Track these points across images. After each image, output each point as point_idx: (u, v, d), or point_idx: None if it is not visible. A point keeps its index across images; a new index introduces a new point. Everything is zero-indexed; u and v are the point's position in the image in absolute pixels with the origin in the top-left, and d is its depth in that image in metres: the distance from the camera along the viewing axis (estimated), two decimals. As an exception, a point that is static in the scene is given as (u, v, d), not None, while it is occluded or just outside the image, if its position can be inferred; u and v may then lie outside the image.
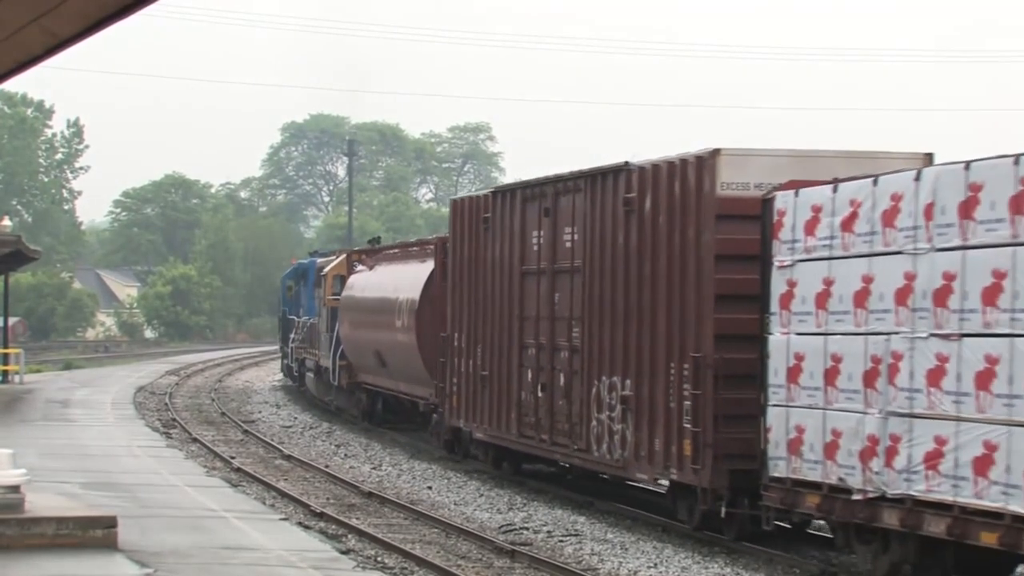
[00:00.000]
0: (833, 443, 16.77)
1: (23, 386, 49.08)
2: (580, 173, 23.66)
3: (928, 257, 15.57)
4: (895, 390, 15.89)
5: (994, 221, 14.76)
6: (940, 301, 15.35)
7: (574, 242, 23.35)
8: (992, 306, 14.69)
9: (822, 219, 17.16)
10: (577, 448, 22.98)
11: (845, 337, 16.72)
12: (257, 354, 76.58)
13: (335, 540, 19.74)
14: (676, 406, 19.99)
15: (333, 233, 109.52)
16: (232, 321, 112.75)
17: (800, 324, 17.47)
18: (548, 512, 22.63)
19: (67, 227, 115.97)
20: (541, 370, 24.42)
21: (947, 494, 15.18)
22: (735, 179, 19.29)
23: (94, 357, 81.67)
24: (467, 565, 18.45)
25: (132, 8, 11.16)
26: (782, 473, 17.70)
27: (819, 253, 17.22)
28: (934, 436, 15.36)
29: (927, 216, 15.60)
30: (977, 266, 14.93)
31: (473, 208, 27.88)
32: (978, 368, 14.82)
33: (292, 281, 51.16)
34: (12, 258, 45.16)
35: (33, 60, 13.61)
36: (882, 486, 16.07)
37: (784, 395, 17.64)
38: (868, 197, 16.52)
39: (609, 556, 18.93)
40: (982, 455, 14.71)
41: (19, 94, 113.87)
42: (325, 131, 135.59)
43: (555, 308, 23.95)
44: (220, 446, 32.10)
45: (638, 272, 21.32)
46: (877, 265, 16.29)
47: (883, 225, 16.23)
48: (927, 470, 15.45)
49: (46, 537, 17.06)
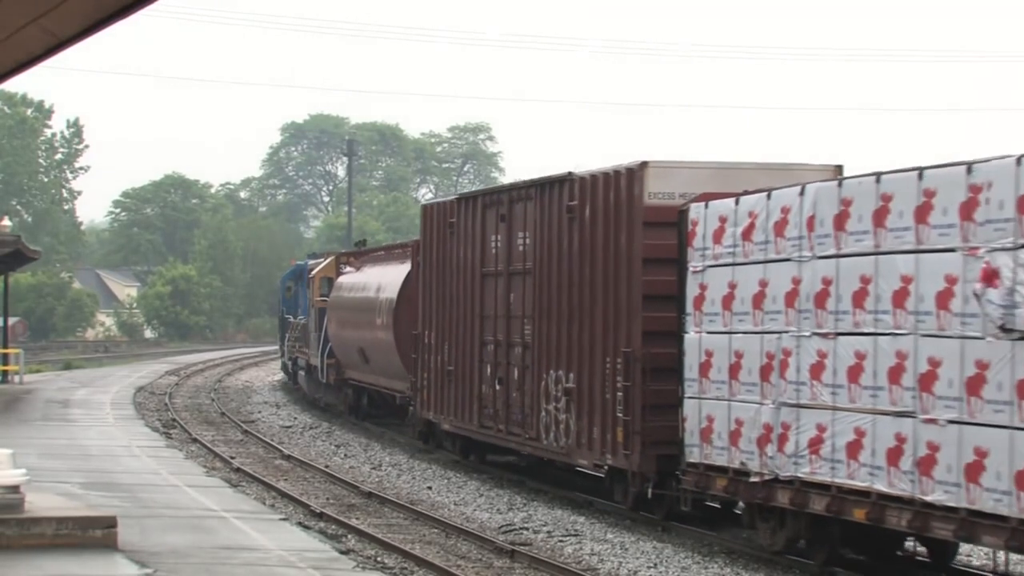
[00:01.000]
0: (736, 431, 18.48)
1: (23, 386, 49.37)
2: (531, 182, 25.54)
3: (810, 264, 17.18)
4: (785, 383, 17.55)
5: (861, 232, 16.38)
6: (820, 303, 17.04)
7: (526, 246, 25.14)
8: (860, 308, 16.36)
9: (727, 229, 18.81)
10: (529, 437, 24.73)
11: (745, 336, 18.37)
12: (257, 354, 77.13)
13: (335, 540, 19.90)
14: (611, 397, 21.72)
15: (333, 233, 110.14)
16: (232, 321, 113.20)
17: (710, 324, 19.15)
18: (548, 512, 22.93)
19: (67, 227, 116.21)
20: (498, 365, 26.18)
21: (827, 475, 16.87)
22: (661, 189, 21.02)
23: (94, 357, 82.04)
24: (467, 565, 18.68)
25: (132, 8, 11.20)
26: (696, 459, 19.43)
27: (724, 259, 18.86)
28: (816, 424, 17.03)
29: (809, 227, 17.24)
30: (848, 272, 16.57)
31: (441, 213, 29.62)
32: (849, 363, 16.48)
33: (291, 282, 52.23)
34: (12, 258, 45.55)
35: (33, 60, 13.61)
36: (775, 469, 17.74)
37: (697, 388, 19.36)
38: (763, 209, 18.11)
39: (609, 556, 19.24)
40: (853, 440, 16.40)
41: (19, 94, 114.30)
42: (325, 131, 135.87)
43: (510, 307, 25.77)
44: (220, 446, 32.36)
45: (579, 274, 23.03)
46: (770, 271, 17.93)
47: (775, 235, 17.89)
48: (811, 454, 17.11)
49: (46, 537, 17.10)
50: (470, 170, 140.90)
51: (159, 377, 57.05)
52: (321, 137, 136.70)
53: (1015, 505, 14.14)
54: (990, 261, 14.46)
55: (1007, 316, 14.19)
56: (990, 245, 14.50)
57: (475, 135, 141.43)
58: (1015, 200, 14.24)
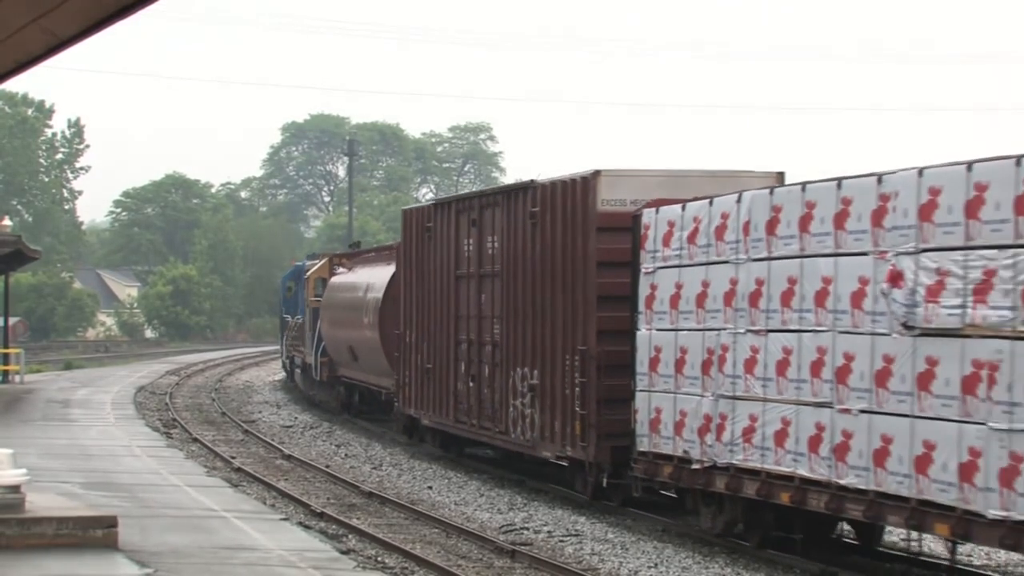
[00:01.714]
0: (681, 422, 20.14)
1: (23, 386, 49.78)
2: (498, 189, 27.75)
3: (746, 266, 18.78)
4: (723, 377, 19.19)
5: (789, 237, 18.00)
6: (753, 303, 18.65)
7: (495, 250, 26.91)
8: (787, 307, 17.97)
9: (675, 233, 20.44)
10: (498, 431, 26.48)
11: (690, 332, 20.02)
12: (257, 354, 77.79)
13: (335, 540, 20.03)
14: (570, 392, 23.40)
15: (334, 233, 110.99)
16: (232, 321, 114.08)
17: (659, 321, 20.79)
18: (548, 512, 23.28)
19: (67, 227, 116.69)
20: (471, 363, 27.96)
21: (757, 462, 18.50)
22: (613, 196, 22.75)
23: (94, 357, 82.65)
24: (467, 565, 18.86)
25: (132, 8, 11.28)
26: (646, 448, 21.07)
27: (672, 262, 20.49)
28: (749, 414, 18.66)
29: (745, 232, 18.84)
30: (778, 274, 18.17)
31: (420, 217, 31.54)
32: (778, 358, 18.10)
33: (291, 282, 53.97)
34: (12, 258, 46.13)
35: (33, 60, 13.69)
36: (713, 457, 19.39)
37: (647, 382, 20.99)
38: (706, 215, 19.75)
39: (609, 556, 19.52)
40: (780, 429, 18.04)
41: (19, 94, 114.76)
42: (325, 131, 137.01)
43: (481, 308, 27.57)
44: (220, 446, 32.67)
45: (542, 276, 24.75)
46: (711, 272, 19.56)
47: (716, 239, 19.50)
48: (744, 443, 18.74)
49: (46, 537, 17.14)
50: (471, 170, 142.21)
51: (160, 377, 57.63)
52: (322, 137, 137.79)
53: (914, 487, 15.75)
54: (896, 264, 16.06)
55: (909, 314, 15.79)
56: (896, 249, 16.09)
57: (475, 135, 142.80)
58: (917, 208, 15.84)
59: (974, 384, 14.92)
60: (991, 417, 14.70)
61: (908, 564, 18.18)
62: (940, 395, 15.39)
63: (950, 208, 15.32)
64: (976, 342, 14.95)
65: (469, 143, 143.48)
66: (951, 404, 15.24)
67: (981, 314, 14.86)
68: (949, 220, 15.35)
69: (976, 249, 14.97)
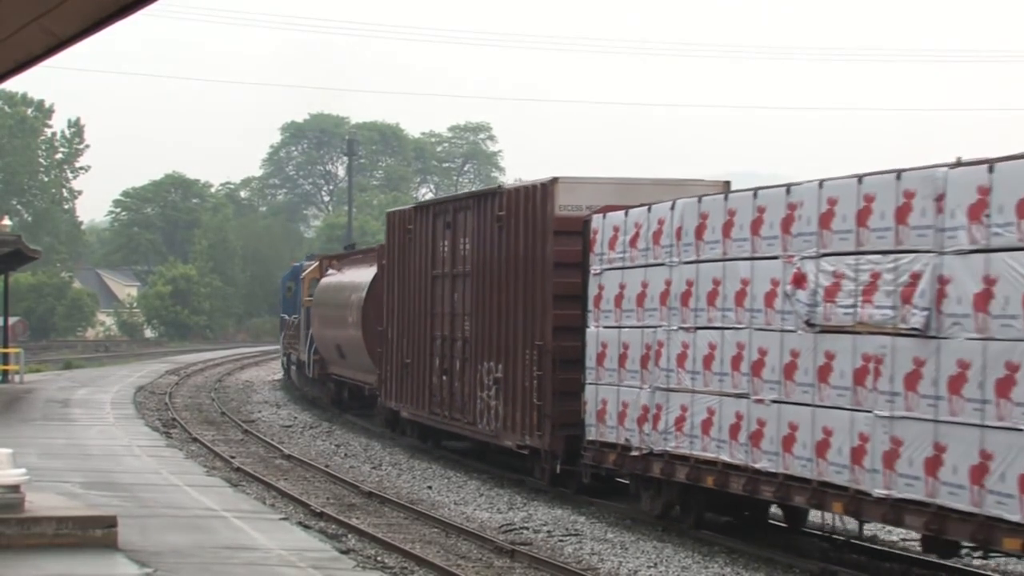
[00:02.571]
0: (623, 412, 22.14)
1: (23, 386, 50.22)
2: (470, 194, 30.36)
3: (678, 268, 20.77)
4: (659, 370, 21.18)
5: (714, 242, 19.98)
6: (684, 302, 20.65)
7: (466, 251, 29.09)
8: (712, 306, 19.97)
9: (619, 237, 22.45)
10: (467, 422, 28.63)
11: (631, 329, 22.02)
12: (257, 354, 78.37)
13: (335, 540, 20.21)
14: (529, 385, 25.44)
15: (333, 233, 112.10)
16: (232, 321, 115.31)
17: (605, 319, 22.79)
18: (548, 512, 23.74)
19: (67, 227, 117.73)
20: (445, 358, 30.15)
21: (687, 449, 20.53)
22: (569, 202, 24.81)
23: (94, 357, 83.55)
24: (467, 565, 19.08)
25: (132, 8, 11.37)
26: (594, 437, 23.10)
27: (617, 264, 22.49)
28: (680, 405, 20.67)
29: (678, 237, 20.85)
30: (705, 276, 20.15)
31: (402, 220, 33.83)
32: (704, 353, 20.10)
33: (291, 282, 56.21)
34: (12, 258, 46.69)
35: (33, 60, 13.78)
36: (651, 444, 21.40)
37: (595, 376, 23.02)
38: (645, 221, 21.75)
39: (609, 556, 19.86)
40: (706, 418, 20.05)
41: (19, 94, 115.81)
42: (325, 131, 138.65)
43: (454, 305, 29.77)
44: (220, 446, 33.07)
45: (506, 276, 26.82)
46: (650, 274, 21.56)
47: (653, 243, 21.50)
48: (676, 431, 20.73)
49: (46, 537, 17.23)
50: (470, 170, 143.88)
51: (159, 377, 58.28)
52: (321, 137, 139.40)
53: (815, 469, 17.76)
54: (800, 267, 18.07)
55: (811, 313, 17.80)
56: (801, 254, 18.10)
57: (475, 135, 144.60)
58: (818, 217, 17.84)
59: (863, 376, 16.92)
60: (876, 405, 16.68)
61: (908, 564, 18.88)
62: (836, 386, 17.39)
63: (844, 217, 17.32)
64: (864, 338, 16.95)
65: (469, 143, 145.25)
66: (845, 394, 17.23)
67: (868, 312, 16.85)
68: (844, 228, 17.34)
69: (865, 254, 16.96)
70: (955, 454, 15.48)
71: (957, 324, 15.54)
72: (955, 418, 15.48)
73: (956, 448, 15.47)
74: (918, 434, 16.02)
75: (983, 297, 15.18)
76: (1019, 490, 14.63)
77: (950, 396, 15.55)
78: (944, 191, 15.77)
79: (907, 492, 16.20)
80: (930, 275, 15.87)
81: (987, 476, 15.03)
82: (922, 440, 15.95)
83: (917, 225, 16.14)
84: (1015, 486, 14.68)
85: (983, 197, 15.22)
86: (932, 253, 15.90)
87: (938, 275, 15.79)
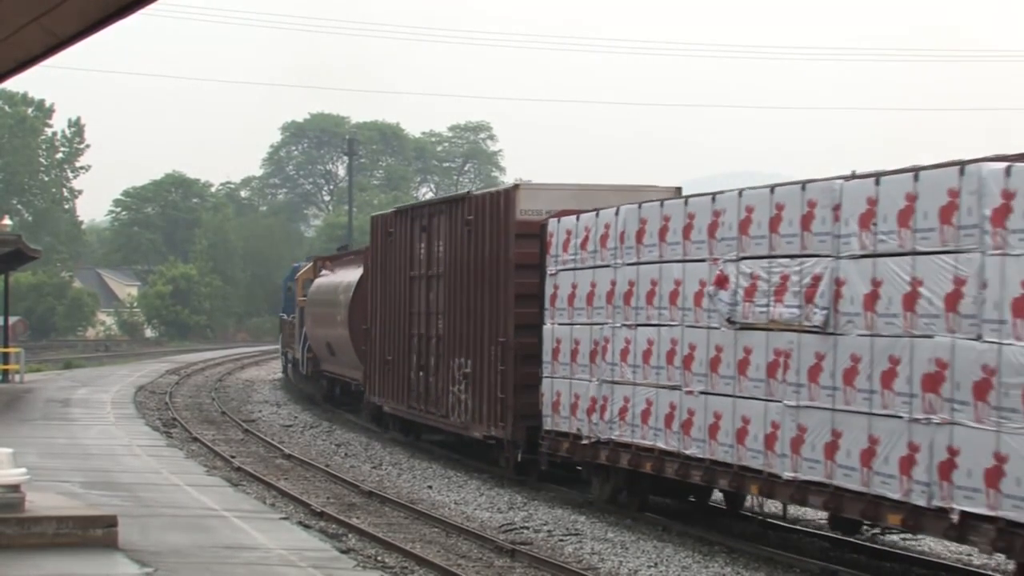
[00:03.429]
0: (575, 404, 24.13)
1: (23, 385, 50.99)
2: (444, 199, 32.54)
3: (622, 270, 22.72)
4: (605, 364, 23.14)
5: (652, 246, 21.96)
6: (627, 301, 22.59)
7: (441, 253, 31.24)
8: (650, 305, 21.94)
9: (571, 240, 24.46)
10: (441, 415, 30.73)
11: (582, 326, 23.99)
12: (257, 354, 79.69)
13: (335, 539, 20.48)
14: (494, 379, 27.47)
15: (333, 232, 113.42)
16: (232, 320, 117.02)
17: (559, 317, 24.81)
18: (548, 511, 24.24)
19: (67, 226, 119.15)
20: (421, 354, 32.29)
21: (629, 437, 22.52)
22: (530, 207, 26.98)
23: (94, 356, 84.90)
24: (467, 564, 19.31)
25: (132, 8, 11.54)
26: (550, 427, 25.14)
27: (569, 265, 24.48)
28: (623, 396, 22.64)
29: (621, 240, 22.80)
30: (644, 277, 22.08)
31: (384, 223, 36.17)
32: (644, 348, 22.07)
33: (291, 283, 58.27)
34: (12, 257, 47.53)
35: (33, 60, 13.96)
36: (598, 433, 23.38)
37: (551, 370, 25.02)
38: (594, 225, 23.71)
39: (609, 555, 20.20)
40: (645, 409, 22.04)
41: (19, 93, 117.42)
42: (325, 130, 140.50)
43: (429, 305, 31.94)
44: (220, 445, 33.59)
45: (474, 277, 28.87)
46: (598, 275, 23.54)
47: (600, 246, 23.45)
48: (620, 421, 22.70)
49: (46, 536, 17.37)
50: (470, 169, 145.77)
51: (159, 376, 59.14)
52: (321, 136, 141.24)
53: (735, 455, 19.79)
54: (723, 269, 20.09)
55: (732, 311, 19.83)
56: (724, 257, 20.12)
57: (475, 134, 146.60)
58: (738, 223, 19.85)
59: (775, 369, 18.94)
60: (786, 396, 18.70)
61: (908, 564, 19.56)
62: (753, 378, 19.41)
63: (759, 224, 19.33)
64: (776, 334, 18.97)
65: (469, 142, 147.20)
66: (760, 385, 19.25)
67: (779, 311, 18.87)
68: (759, 234, 19.36)
69: (776, 258, 18.97)
70: (849, 439, 17.50)
71: (850, 322, 17.56)
72: (849, 407, 17.50)
73: (849, 434, 17.49)
74: (819, 421, 18.04)
75: (871, 297, 17.19)
76: (899, 471, 16.65)
77: (845, 387, 17.57)
78: (840, 201, 17.79)
79: (810, 474, 18.22)
80: (829, 277, 17.89)
81: (874, 459, 17.05)
82: (822, 427, 17.98)
83: (818, 232, 18.16)
84: (896, 467, 16.70)
85: (871, 207, 17.23)
86: (830, 257, 17.92)
87: (835, 277, 17.80)
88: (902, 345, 16.67)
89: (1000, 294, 15.24)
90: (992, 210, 15.37)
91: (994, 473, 15.25)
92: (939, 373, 16.03)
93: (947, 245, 16.06)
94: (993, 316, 15.31)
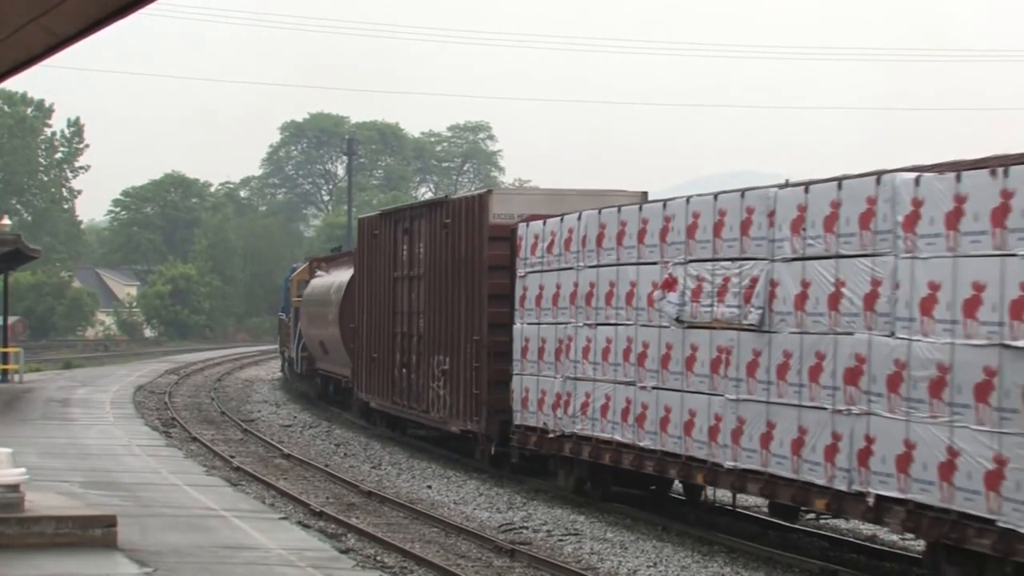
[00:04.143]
0: (542, 399, 25.70)
1: (23, 385, 51.63)
2: (425, 203, 34.31)
3: (584, 272, 24.28)
4: (568, 362, 24.68)
5: (610, 249, 23.45)
6: (588, 302, 24.13)
7: (421, 255, 32.88)
8: (609, 305, 23.46)
9: (539, 244, 26.03)
10: (422, 410, 32.45)
11: (548, 326, 25.56)
12: (256, 353, 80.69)
13: (335, 539, 20.70)
14: (470, 376, 29.05)
15: (333, 232, 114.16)
16: (232, 320, 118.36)
17: (528, 317, 26.37)
18: (548, 511, 24.57)
19: (67, 226, 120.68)
20: (404, 352, 34.01)
21: (590, 431, 24.06)
22: (503, 211, 28.65)
23: (94, 356, 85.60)
24: (467, 564, 19.51)
25: (132, 8, 11.64)
26: (519, 422, 26.72)
27: (537, 267, 26.06)
28: (585, 392, 24.16)
29: (583, 244, 24.34)
30: (603, 279, 23.57)
31: (370, 225, 38.05)
32: (603, 346, 23.59)
33: (290, 283, 59.76)
34: (12, 257, 48.17)
35: (33, 60, 14.05)
36: (562, 427, 24.95)
37: (520, 367, 26.60)
38: (559, 230, 25.28)
39: (609, 555, 20.46)
40: (604, 403, 23.57)
41: (19, 93, 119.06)
42: (325, 130, 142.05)
43: (411, 304, 33.64)
44: (220, 445, 33.95)
45: (452, 278, 30.51)
46: (562, 277, 25.10)
47: (565, 249, 24.97)
48: (582, 415, 24.21)
49: (46, 536, 17.49)
50: (470, 169, 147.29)
51: (159, 376, 59.73)
52: (321, 136, 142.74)
53: (683, 446, 21.33)
54: (672, 272, 21.64)
55: (680, 311, 21.37)
56: (673, 260, 21.67)
57: (475, 134, 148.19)
58: (685, 228, 21.39)
59: (718, 365, 20.49)
60: (727, 390, 20.25)
61: (908, 564, 19.81)
62: (699, 374, 20.95)
63: (704, 228, 20.87)
64: (719, 332, 20.50)
65: (468, 142, 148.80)
66: (705, 380, 20.79)
67: (721, 311, 20.41)
68: (704, 238, 20.89)
69: (719, 261, 20.50)
70: (781, 430, 19.04)
71: (783, 320, 19.10)
72: (781, 399, 19.04)
73: (782, 425, 19.03)
74: (756, 414, 19.58)
75: (801, 298, 18.73)
76: (824, 459, 18.20)
77: (778, 381, 19.11)
78: (775, 208, 19.32)
79: (748, 463, 19.77)
80: (764, 279, 19.42)
81: (803, 448, 18.59)
82: (759, 419, 19.53)
83: (756, 236, 19.70)
84: (821, 455, 18.25)
85: (801, 214, 18.77)
86: (766, 260, 19.45)
87: (770, 279, 19.33)
88: (827, 342, 18.19)
89: (910, 294, 16.76)
90: (904, 216, 16.90)
91: (904, 459, 16.78)
92: (858, 367, 17.57)
93: (866, 249, 17.58)
94: (904, 314, 16.84)
